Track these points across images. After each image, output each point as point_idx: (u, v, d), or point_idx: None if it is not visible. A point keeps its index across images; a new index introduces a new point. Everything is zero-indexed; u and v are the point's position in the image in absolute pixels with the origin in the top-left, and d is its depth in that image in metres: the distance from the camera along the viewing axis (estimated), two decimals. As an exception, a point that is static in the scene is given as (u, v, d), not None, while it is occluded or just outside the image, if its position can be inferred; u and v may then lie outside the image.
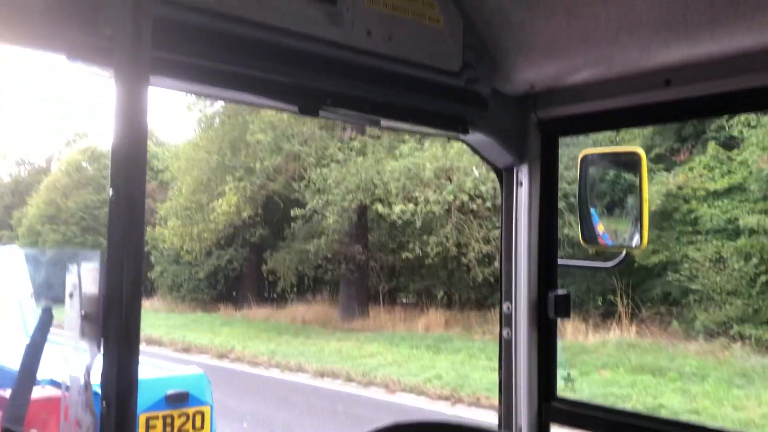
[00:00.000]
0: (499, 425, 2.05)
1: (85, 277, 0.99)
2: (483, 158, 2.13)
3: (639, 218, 2.01)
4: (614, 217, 2.22)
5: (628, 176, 2.19)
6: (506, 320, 2.09)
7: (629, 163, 2.08)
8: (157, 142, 31.61)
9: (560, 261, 2.15)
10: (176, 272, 25.21)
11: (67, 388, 1.08)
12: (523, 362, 2.04)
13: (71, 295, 1.00)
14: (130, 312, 0.93)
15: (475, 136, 1.98)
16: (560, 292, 2.01)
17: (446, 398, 11.10)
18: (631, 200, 2.17)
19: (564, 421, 2.01)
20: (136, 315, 0.94)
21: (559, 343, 2.09)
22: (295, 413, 10.38)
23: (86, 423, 0.98)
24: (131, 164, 0.95)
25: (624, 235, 2.12)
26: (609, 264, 2.16)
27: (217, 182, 20.92)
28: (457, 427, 1.64)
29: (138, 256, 0.94)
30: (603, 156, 2.17)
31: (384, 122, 1.79)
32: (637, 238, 2.01)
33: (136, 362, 0.94)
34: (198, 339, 17.61)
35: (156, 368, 3.81)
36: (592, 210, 2.14)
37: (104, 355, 0.95)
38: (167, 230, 21.97)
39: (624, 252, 2.09)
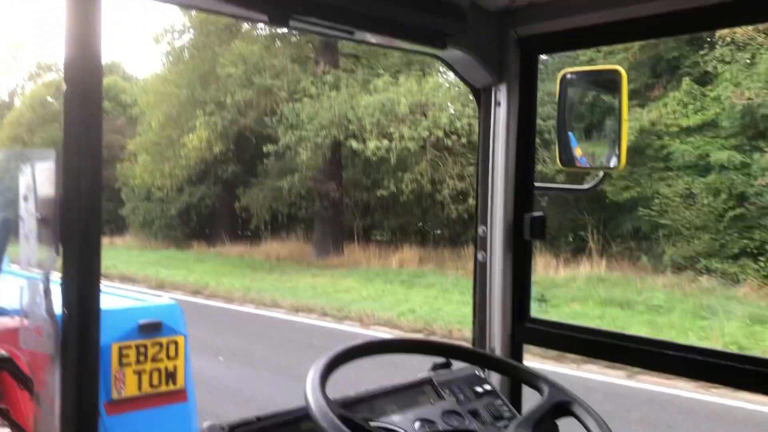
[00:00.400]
0: (473, 346, 2.06)
1: (41, 178, 0.92)
2: (460, 77, 2.07)
3: (617, 139, 1.98)
4: (592, 141, 2.19)
5: (607, 98, 2.15)
6: (481, 243, 2.07)
7: (609, 82, 2.03)
8: (124, 76, 30.77)
9: (537, 184, 2.13)
10: (148, 209, 24.93)
11: (29, 299, 1.03)
12: (497, 284, 2.04)
13: (25, 198, 0.94)
14: (90, 214, 0.87)
15: (453, 53, 1.92)
16: (536, 213, 1.99)
17: (419, 331, 11.29)
18: (609, 122, 2.13)
19: (537, 342, 2.03)
20: (96, 216, 0.88)
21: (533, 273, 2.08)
22: (271, 347, 10.48)
23: (47, 329, 0.93)
24: (86, 55, 0.88)
25: (602, 157, 2.09)
26: (585, 186, 2.14)
27: (188, 117, 20.51)
28: (429, 344, 1.63)
29: (96, 154, 0.88)
30: (583, 75, 2.11)
31: (358, 34, 1.71)
32: (614, 159, 1.99)
33: (98, 265, 0.88)
34: (172, 276, 17.57)
35: (127, 299, 3.77)
36: (570, 135, 2.11)
37: (63, 259, 0.89)
38: (137, 166, 21.62)
39: (601, 174, 2.07)
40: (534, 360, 7.54)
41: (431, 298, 13.45)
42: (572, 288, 13.07)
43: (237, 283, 16.20)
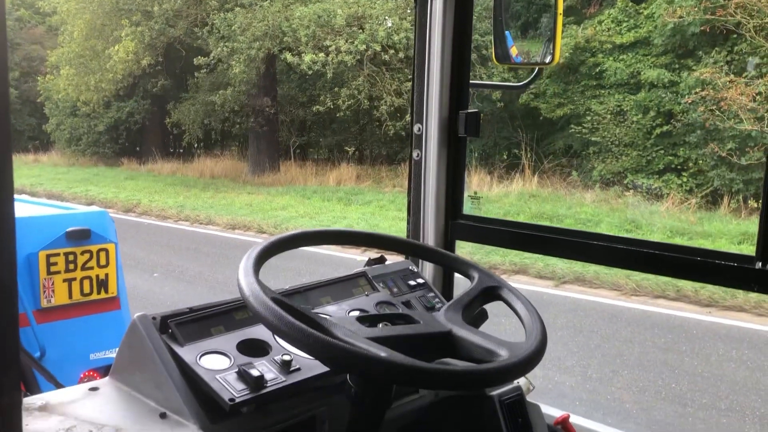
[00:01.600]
0: None
1: None
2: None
3: (552, 36, 1.99)
4: (528, 38, 2.20)
5: (544, -5, 2.14)
6: (417, 141, 2.06)
7: (546, -22, 2.02)
8: (41, -18, 28.69)
9: (472, 81, 2.12)
10: (74, 125, 23.84)
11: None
12: (431, 182, 2.05)
13: None
14: None
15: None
16: (470, 110, 1.99)
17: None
18: (545, 20, 2.14)
19: (469, 238, 2.07)
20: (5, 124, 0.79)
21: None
22: (207, 263, 10.43)
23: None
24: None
25: (536, 55, 2.10)
26: (519, 84, 2.15)
27: (113, 27, 19.42)
28: (364, 235, 1.64)
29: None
30: (520, -30, 2.08)
31: None
32: (549, 56, 2.00)
33: (10, 177, 0.80)
34: (102, 193, 17.10)
35: (54, 207, 3.64)
36: (507, 33, 2.10)
37: None
38: (61, 80, 20.49)
39: (536, 70, 2.08)
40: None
41: (368, 214, 13.55)
42: (505, 204, 13.38)
43: (170, 201, 15.90)
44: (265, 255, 1.41)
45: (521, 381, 1.88)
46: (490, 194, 14.48)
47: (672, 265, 1.63)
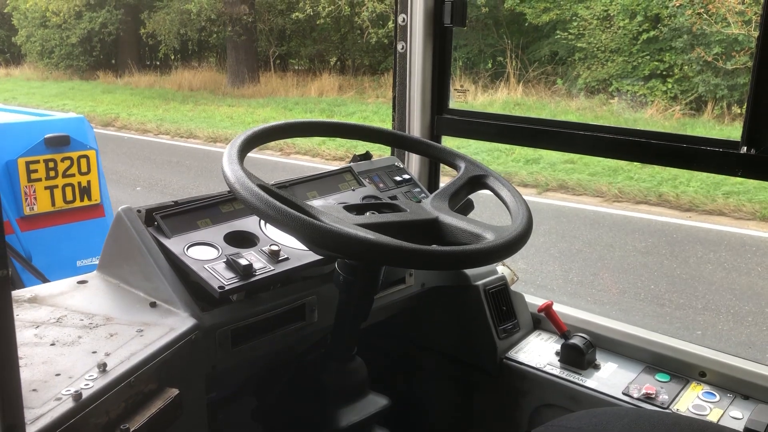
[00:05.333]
0: None
1: None
2: None
3: None
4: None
5: None
6: (401, 33, 2.01)
7: None
8: None
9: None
10: (45, 36, 22.97)
11: None
12: (417, 75, 2.01)
13: None
14: None
15: None
16: (457, -2, 1.93)
17: (341, 158, 11.35)
18: None
19: (455, 132, 2.05)
20: None
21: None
22: (190, 176, 10.35)
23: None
24: None
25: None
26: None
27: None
28: (349, 126, 1.61)
29: None
30: None
31: None
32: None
33: None
34: (79, 107, 16.69)
35: (30, 114, 3.55)
36: None
37: None
38: (27, -12, 19.63)
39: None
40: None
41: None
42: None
43: (149, 114, 15.60)
44: (248, 144, 1.39)
45: (506, 272, 1.91)
46: (475, 103, 14.31)
47: (657, 153, 1.63)
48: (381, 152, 2.12)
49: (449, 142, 2.02)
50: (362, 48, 18.75)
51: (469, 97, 14.87)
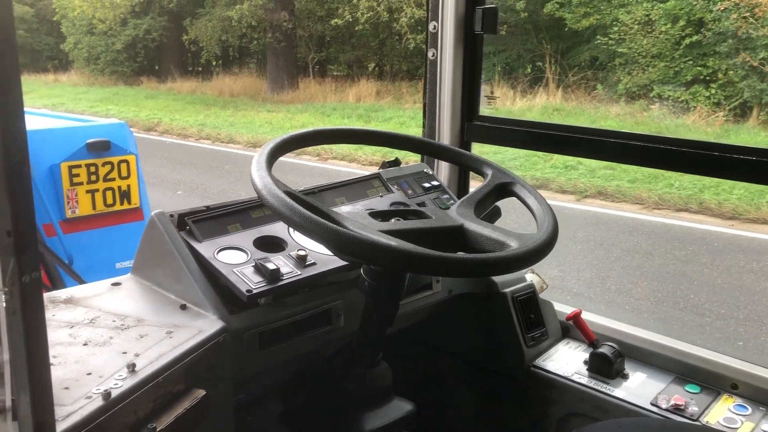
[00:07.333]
0: None
1: None
2: None
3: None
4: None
5: None
6: (432, 40, 2.02)
7: None
8: None
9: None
10: (92, 43, 23.60)
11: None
12: (447, 82, 2.01)
13: None
14: None
15: None
16: (488, 5, 1.93)
17: (377, 164, 11.36)
18: None
19: (485, 139, 2.05)
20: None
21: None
22: (229, 181, 10.51)
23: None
24: None
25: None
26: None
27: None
28: (376, 133, 1.62)
29: None
30: None
31: None
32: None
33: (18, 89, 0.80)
34: (123, 112, 17.10)
35: (73, 120, 3.66)
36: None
37: None
38: (75, -4, 20.20)
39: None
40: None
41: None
42: (527, 117, 13.17)
43: (191, 120, 15.89)
44: (277, 151, 1.42)
45: (535, 279, 1.90)
46: (513, 108, 14.23)
47: (690, 162, 1.61)
48: (416, 159, 2.13)
49: (482, 149, 2.03)
50: (400, 54, 18.80)
51: (507, 102, 14.79)
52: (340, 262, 1.48)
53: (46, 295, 1.45)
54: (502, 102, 14.56)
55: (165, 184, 10.01)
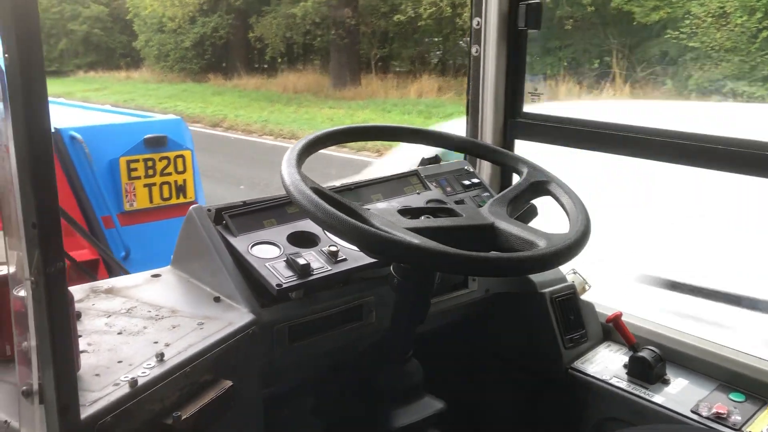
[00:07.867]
0: None
1: None
2: None
3: None
4: None
5: None
6: (476, 36, 1.99)
7: None
8: None
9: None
10: (162, 41, 24.34)
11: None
12: (491, 78, 1.99)
13: None
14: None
15: None
16: (531, 1, 1.89)
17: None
18: None
19: (529, 136, 2.01)
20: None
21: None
22: (289, 175, 10.64)
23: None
24: None
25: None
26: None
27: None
28: (414, 131, 1.62)
29: None
30: None
31: None
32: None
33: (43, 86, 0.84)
34: (190, 109, 17.58)
35: (131, 116, 3.79)
36: None
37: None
38: (147, -4, 20.87)
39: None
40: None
41: (448, 128, 13.35)
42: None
43: (255, 116, 16.20)
44: (309, 147, 1.43)
45: (576, 280, 1.86)
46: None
47: (745, 161, 1.54)
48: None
49: (527, 147, 1.99)
50: (463, 49, 18.66)
51: (572, 98, 14.47)
52: (371, 259, 1.49)
53: (88, 285, 1.51)
54: (567, 97, 14.26)
55: (229, 179, 10.23)
